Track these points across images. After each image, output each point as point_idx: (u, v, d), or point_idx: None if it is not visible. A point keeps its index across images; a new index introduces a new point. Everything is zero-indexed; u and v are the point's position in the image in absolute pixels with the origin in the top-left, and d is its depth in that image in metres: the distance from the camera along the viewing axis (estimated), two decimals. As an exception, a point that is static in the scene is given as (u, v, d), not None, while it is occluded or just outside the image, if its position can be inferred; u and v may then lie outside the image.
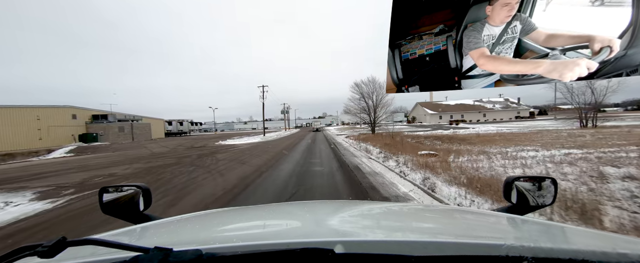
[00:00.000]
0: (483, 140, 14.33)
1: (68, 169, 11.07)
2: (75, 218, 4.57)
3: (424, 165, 7.08)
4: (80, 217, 4.64)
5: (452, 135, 19.90)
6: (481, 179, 5.29)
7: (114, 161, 13.17)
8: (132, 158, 14.06)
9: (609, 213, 3.38)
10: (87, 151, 21.32)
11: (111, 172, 9.57)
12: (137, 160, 12.71)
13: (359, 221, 0.94)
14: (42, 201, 5.77)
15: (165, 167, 10.00)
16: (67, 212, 5.00)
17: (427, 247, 0.57)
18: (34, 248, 0.44)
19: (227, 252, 0.51)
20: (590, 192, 4.32)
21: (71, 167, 11.74)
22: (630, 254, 0.48)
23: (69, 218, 4.59)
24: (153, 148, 20.50)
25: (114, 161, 13.15)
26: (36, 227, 4.24)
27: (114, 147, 24.15)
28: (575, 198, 3.77)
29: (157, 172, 8.92)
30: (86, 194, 6.32)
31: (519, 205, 1.04)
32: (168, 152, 16.43)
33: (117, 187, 1.13)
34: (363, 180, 6.49)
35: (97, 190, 1.13)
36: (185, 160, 11.73)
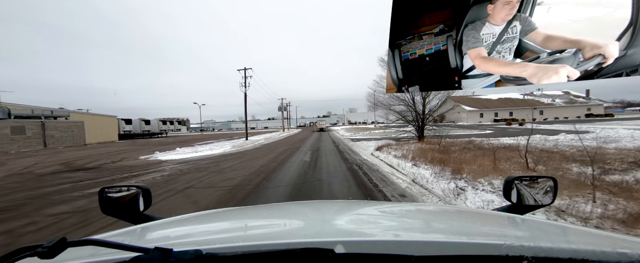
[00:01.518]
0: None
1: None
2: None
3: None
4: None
5: (565, 149, 8.99)
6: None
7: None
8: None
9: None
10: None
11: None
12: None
13: (359, 221, 0.94)
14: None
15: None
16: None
17: (427, 246, 0.57)
18: (34, 249, 0.44)
19: (227, 252, 0.51)
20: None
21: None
22: (630, 253, 0.48)
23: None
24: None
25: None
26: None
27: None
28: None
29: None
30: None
31: (519, 205, 1.04)
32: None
33: (117, 187, 1.13)
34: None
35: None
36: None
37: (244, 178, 6.87)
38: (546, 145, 10.53)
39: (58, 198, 5.58)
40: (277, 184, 6.07)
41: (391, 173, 6.70)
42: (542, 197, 1.04)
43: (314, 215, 1.01)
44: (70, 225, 3.96)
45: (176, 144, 22.10)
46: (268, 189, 5.69)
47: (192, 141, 26.92)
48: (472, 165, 6.51)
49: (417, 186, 5.43)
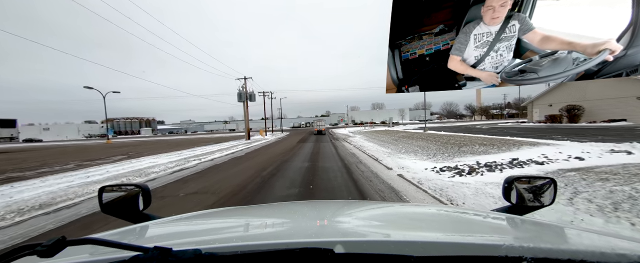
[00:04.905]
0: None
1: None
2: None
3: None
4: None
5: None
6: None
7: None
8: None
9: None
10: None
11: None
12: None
13: (359, 221, 0.94)
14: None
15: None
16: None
17: (426, 247, 0.57)
18: (33, 248, 0.44)
19: (226, 252, 0.51)
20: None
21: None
22: (629, 255, 0.48)
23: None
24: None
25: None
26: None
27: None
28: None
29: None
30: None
31: (519, 205, 1.04)
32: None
33: (116, 186, 1.13)
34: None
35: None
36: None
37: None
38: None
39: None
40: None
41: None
42: (542, 198, 1.04)
43: (314, 215, 1.01)
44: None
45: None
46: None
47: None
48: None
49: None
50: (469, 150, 7.74)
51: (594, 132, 13.07)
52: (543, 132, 14.02)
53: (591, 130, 14.16)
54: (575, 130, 15.32)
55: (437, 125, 33.03)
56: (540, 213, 1.03)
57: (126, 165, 9.18)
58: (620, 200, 2.86)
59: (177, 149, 15.22)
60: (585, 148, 5.93)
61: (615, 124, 18.20)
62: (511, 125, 26.12)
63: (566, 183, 3.69)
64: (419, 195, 4.03)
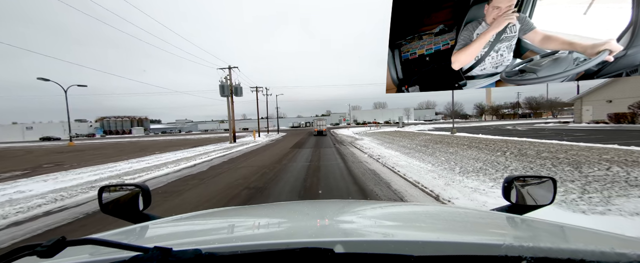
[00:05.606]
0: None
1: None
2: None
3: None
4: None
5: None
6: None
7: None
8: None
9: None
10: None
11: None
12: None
13: (359, 221, 0.94)
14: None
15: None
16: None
17: (426, 247, 0.57)
18: (33, 248, 0.44)
19: (226, 252, 0.51)
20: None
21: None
22: (629, 254, 0.48)
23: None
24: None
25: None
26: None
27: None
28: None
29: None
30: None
31: (518, 205, 1.04)
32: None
33: (116, 186, 1.13)
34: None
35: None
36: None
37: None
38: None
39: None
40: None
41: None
42: (542, 197, 1.04)
43: (314, 215, 1.01)
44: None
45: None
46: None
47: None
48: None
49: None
50: (612, 176, 3.71)
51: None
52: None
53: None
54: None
55: (448, 125, 29.47)
56: (540, 213, 1.03)
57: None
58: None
59: (119, 159, 10.86)
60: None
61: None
62: (560, 127, 19.88)
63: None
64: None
